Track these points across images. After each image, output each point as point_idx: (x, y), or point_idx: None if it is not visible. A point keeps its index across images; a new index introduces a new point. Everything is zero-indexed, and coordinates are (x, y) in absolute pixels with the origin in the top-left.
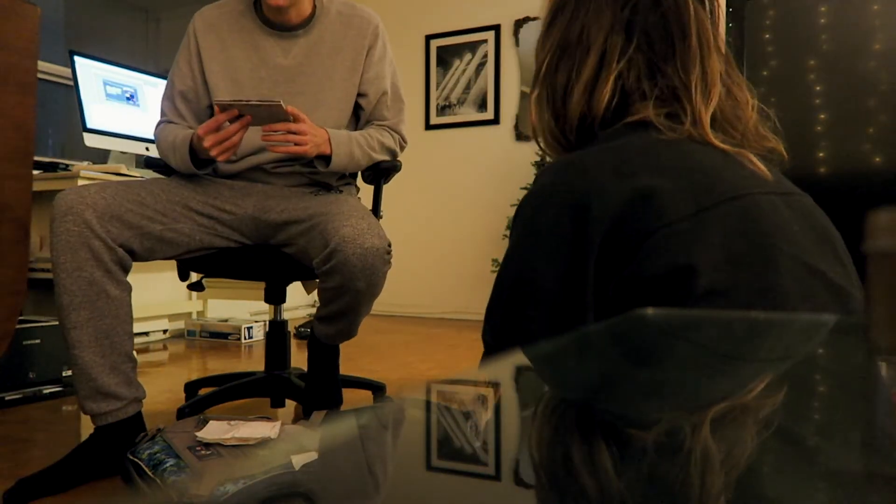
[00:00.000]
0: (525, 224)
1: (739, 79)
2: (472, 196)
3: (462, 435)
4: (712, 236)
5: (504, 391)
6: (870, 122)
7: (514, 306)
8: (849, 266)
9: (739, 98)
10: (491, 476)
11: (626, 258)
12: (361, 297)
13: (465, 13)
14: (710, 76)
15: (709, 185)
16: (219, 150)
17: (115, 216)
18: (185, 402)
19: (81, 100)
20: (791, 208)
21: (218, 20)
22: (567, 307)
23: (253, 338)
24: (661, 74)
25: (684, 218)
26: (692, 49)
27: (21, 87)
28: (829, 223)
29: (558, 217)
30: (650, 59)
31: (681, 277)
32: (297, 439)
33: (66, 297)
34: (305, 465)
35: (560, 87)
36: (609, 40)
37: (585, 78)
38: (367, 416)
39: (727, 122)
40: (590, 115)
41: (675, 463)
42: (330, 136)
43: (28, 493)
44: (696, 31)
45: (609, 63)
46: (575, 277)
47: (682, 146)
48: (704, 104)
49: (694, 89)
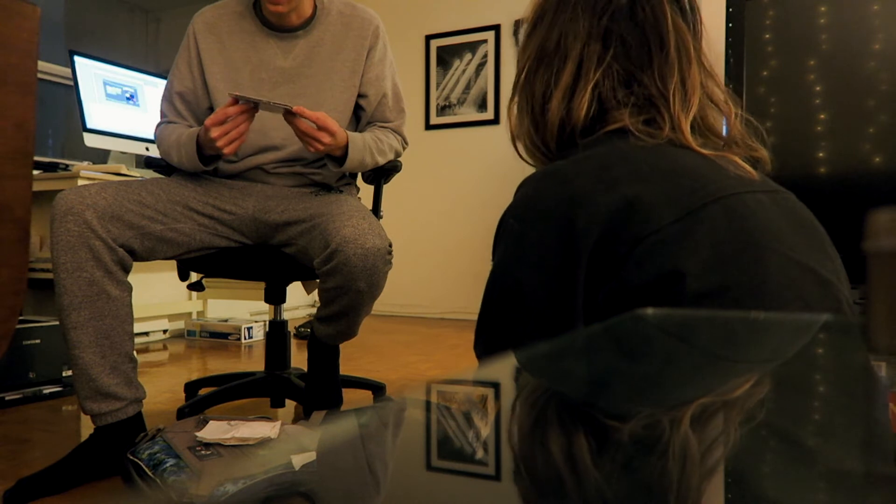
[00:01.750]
0: (509, 237)
1: (723, 90)
2: (472, 196)
3: (462, 435)
4: (700, 239)
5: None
6: (870, 122)
7: (503, 321)
8: (837, 261)
9: (723, 109)
10: (491, 476)
11: (616, 267)
12: (362, 297)
13: (465, 13)
14: (689, 85)
15: (693, 187)
16: (225, 142)
17: (116, 216)
18: (185, 402)
19: (81, 100)
20: (777, 205)
21: (218, 21)
22: (557, 319)
23: (253, 338)
24: (638, 83)
25: (671, 223)
26: (670, 58)
27: (21, 87)
28: (814, 219)
29: (543, 229)
30: (627, 68)
31: (670, 283)
32: (297, 439)
33: (66, 298)
34: (305, 465)
35: (539, 95)
36: (586, 49)
37: (563, 86)
38: (367, 416)
39: (709, 131)
40: (569, 123)
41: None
42: (348, 139)
43: (28, 493)
44: (675, 41)
45: (587, 71)
46: (563, 289)
47: (663, 151)
48: (684, 112)
49: (672, 98)
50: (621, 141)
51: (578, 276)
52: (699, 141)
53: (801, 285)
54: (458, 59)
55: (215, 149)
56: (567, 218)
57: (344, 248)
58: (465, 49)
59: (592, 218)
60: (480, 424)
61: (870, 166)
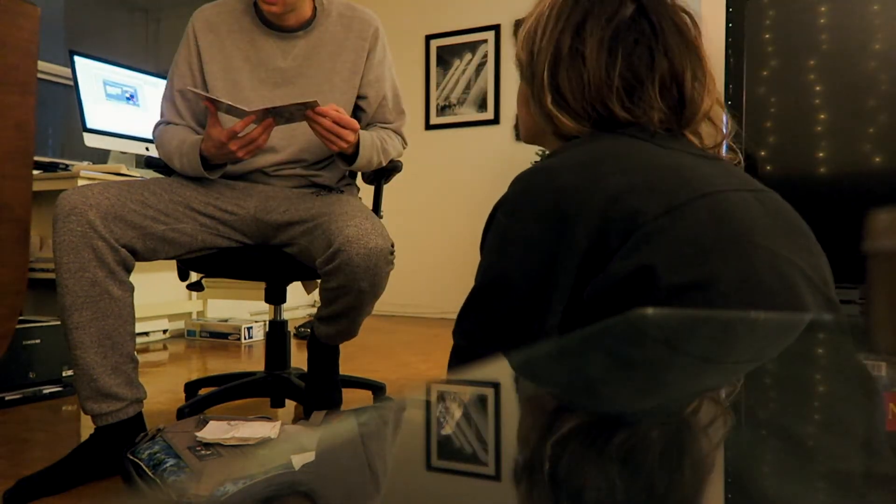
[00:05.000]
0: (497, 231)
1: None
2: (472, 196)
3: (462, 435)
4: (680, 234)
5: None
6: (870, 122)
7: (486, 310)
8: (822, 259)
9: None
10: (491, 476)
11: (606, 260)
12: (364, 297)
13: (465, 13)
14: (688, 100)
15: (678, 184)
16: (245, 152)
17: (119, 216)
18: (185, 402)
19: (81, 100)
20: (762, 204)
21: (217, 19)
22: (537, 311)
23: (253, 338)
24: (640, 91)
25: (655, 217)
26: (673, 73)
27: (21, 87)
28: (799, 218)
29: (530, 224)
30: (630, 78)
31: (643, 277)
32: (297, 439)
33: (68, 298)
34: (305, 465)
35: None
36: (595, 53)
37: (570, 88)
38: (367, 416)
39: (697, 134)
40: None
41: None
42: (360, 138)
43: (28, 493)
44: (677, 51)
45: (593, 76)
46: (546, 282)
47: (650, 149)
48: (678, 123)
49: (665, 109)
50: (609, 139)
51: (561, 271)
52: (688, 141)
53: (789, 279)
54: (458, 59)
55: (222, 158)
56: (554, 213)
57: (347, 247)
58: (465, 49)
59: (580, 213)
60: (480, 424)
61: (870, 166)
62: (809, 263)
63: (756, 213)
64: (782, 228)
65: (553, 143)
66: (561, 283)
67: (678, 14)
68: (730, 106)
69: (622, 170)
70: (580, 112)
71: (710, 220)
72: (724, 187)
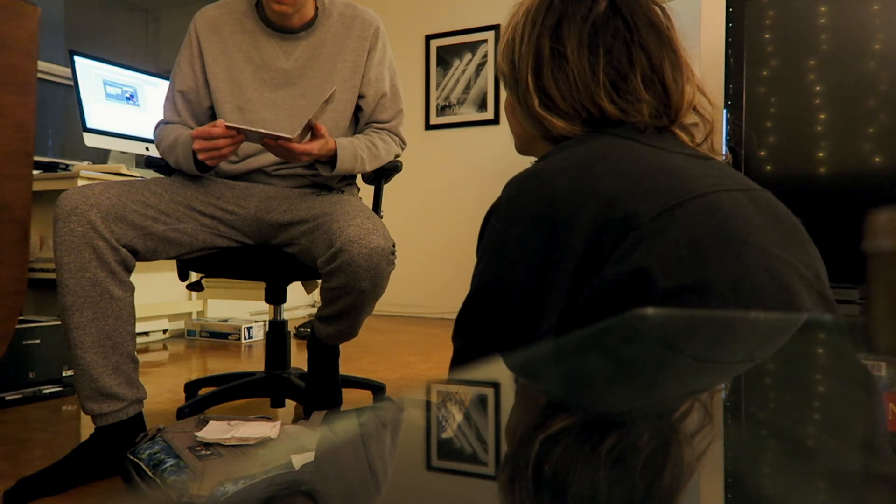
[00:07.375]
0: (492, 236)
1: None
2: (471, 196)
3: (462, 435)
4: (674, 235)
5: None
6: (870, 122)
7: (484, 315)
8: (816, 258)
9: (704, 114)
10: (491, 476)
11: (601, 264)
12: (365, 296)
13: (465, 13)
14: (671, 91)
15: (671, 185)
16: (206, 156)
17: (119, 216)
18: (185, 402)
19: (81, 100)
20: (755, 203)
21: (219, 20)
22: (535, 315)
23: (253, 338)
24: (625, 86)
25: (649, 220)
26: (652, 66)
27: (21, 87)
28: (793, 217)
29: (524, 229)
30: (614, 74)
31: (638, 280)
32: (297, 439)
33: (69, 298)
34: (305, 465)
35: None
36: (576, 53)
37: (557, 88)
38: (367, 416)
39: (687, 132)
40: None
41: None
42: (337, 148)
43: (28, 493)
44: (655, 47)
45: (579, 75)
46: (542, 287)
47: (642, 150)
48: (666, 115)
49: (653, 101)
50: (600, 140)
51: (560, 274)
52: (679, 140)
53: (784, 278)
54: (458, 59)
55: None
56: (547, 217)
57: (348, 247)
58: (465, 49)
59: (574, 217)
60: (481, 425)
61: (870, 166)
62: (803, 261)
63: (749, 213)
64: (775, 227)
65: (544, 148)
66: (556, 287)
67: (650, 7)
68: (730, 106)
69: (614, 173)
70: (569, 112)
71: (703, 221)
72: (716, 188)
